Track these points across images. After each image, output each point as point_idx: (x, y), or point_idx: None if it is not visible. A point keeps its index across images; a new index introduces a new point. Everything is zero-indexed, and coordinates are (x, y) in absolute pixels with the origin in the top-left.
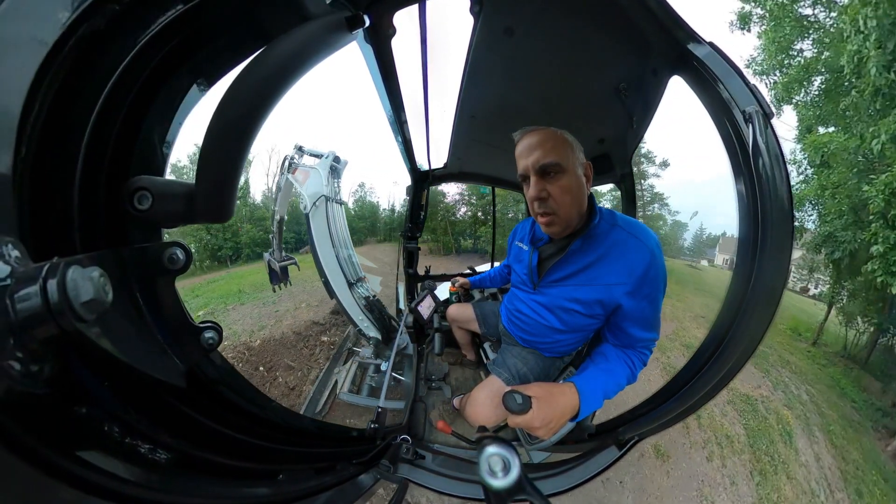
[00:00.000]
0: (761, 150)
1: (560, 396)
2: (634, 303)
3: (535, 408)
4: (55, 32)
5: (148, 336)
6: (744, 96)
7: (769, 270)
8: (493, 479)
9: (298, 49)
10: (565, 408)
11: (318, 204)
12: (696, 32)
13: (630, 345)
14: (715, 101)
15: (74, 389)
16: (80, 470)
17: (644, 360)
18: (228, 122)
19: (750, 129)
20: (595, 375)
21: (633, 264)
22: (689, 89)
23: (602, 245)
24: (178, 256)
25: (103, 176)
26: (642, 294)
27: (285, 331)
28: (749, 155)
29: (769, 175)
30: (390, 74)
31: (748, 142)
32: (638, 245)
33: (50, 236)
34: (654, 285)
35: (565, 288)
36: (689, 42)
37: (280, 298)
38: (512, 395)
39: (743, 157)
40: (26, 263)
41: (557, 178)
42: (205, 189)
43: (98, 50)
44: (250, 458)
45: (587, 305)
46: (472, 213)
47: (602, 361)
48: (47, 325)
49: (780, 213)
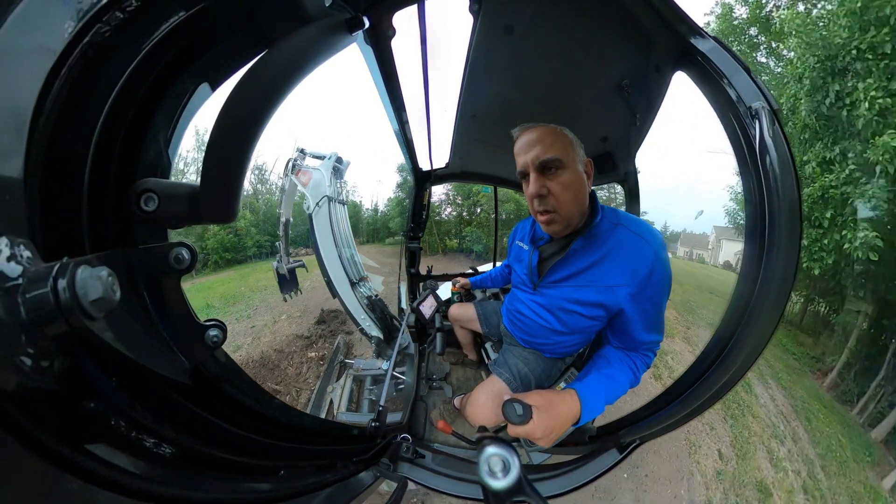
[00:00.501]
0: (768, 146)
1: (561, 405)
2: (637, 305)
3: (535, 417)
4: (62, 41)
5: (154, 334)
6: (750, 92)
7: (777, 271)
8: (492, 479)
9: (299, 52)
10: (566, 416)
11: (321, 204)
12: (700, 27)
13: (633, 348)
14: (720, 97)
15: (83, 385)
16: (87, 462)
17: (647, 363)
18: (232, 124)
19: (756, 126)
20: (597, 381)
21: (637, 265)
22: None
23: (605, 245)
24: (183, 256)
25: (111, 178)
26: (646, 297)
27: (265, 349)
28: (756, 152)
29: (777, 172)
30: (391, 75)
31: (755, 138)
32: (642, 245)
33: (60, 237)
34: (659, 287)
35: (566, 289)
36: (692, 37)
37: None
38: (512, 404)
39: (749, 154)
40: (37, 263)
41: (558, 174)
42: (209, 191)
43: (104, 57)
44: (252, 454)
45: (588, 307)
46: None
47: (604, 366)
48: (57, 323)
49: (789, 211)
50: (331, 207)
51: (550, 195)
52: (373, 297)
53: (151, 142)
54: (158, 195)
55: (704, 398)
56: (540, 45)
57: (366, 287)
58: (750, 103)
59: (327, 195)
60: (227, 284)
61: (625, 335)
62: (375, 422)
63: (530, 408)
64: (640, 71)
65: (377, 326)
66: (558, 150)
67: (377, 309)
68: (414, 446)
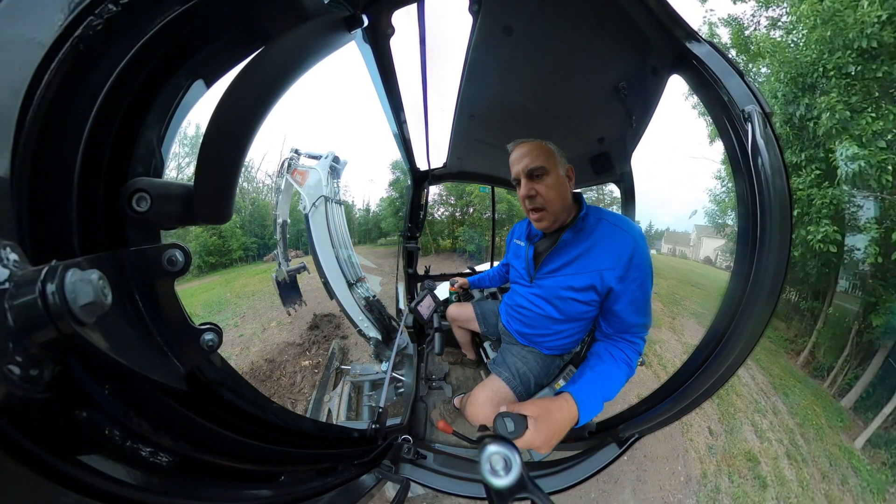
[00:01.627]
0: (761, 149)
1: (557, 411)
2: (624, 286)
3: (532, 428)
4: (52, 33)
5: (147, 339)
6: (743, 96)
7: (768, 269)
8: (494, 477)
9: (297, 49)
10: (563, 421)
11: (317, 204)
12: (696, 31)
13: (624, 329)
14: (714, 100)
15: (74, 393)
16: (81, 474)
17: (639, 350)
18: (227, 122)
19: (749, 129)
20: (591, 380)
21: (620, 251)
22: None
23: (591, 237)
24: (177, 258)
25: (101, 178)
26: (631, 278)
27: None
28: (748, 154)
29: (768, 174)
30: (389, 74)
31: (747, 141)
32: (623, 234)
33: (48, 239)
34: (641, 270)
35: (560, 278)
36: (688, 40)
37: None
38: (502, 420)
39: (742, 156)
40: (25, 267)
41: (543, 179)
42: (203, 191)
43: (96, 51)
44: (252, 460)
45: (582, 292)
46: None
47: (597, 363)
48: (46, 329)
49: (780, 211)
50: (328, 207)
51: (538, 195)
52: (370, 297)
53: (144, 140)
54: (151, 195)
55: (700, 392)
56: (539, 46)
57: (363, 288)
58: (743, 106)
59: (324, 195)
60: (212, 291)
61: (615, 318)
62: (375, 423)
63: (525, 419)
64: (637, 73)
65: (375, 327)
66: (543, 160)
67: (375, 310)
68: (415, 447)
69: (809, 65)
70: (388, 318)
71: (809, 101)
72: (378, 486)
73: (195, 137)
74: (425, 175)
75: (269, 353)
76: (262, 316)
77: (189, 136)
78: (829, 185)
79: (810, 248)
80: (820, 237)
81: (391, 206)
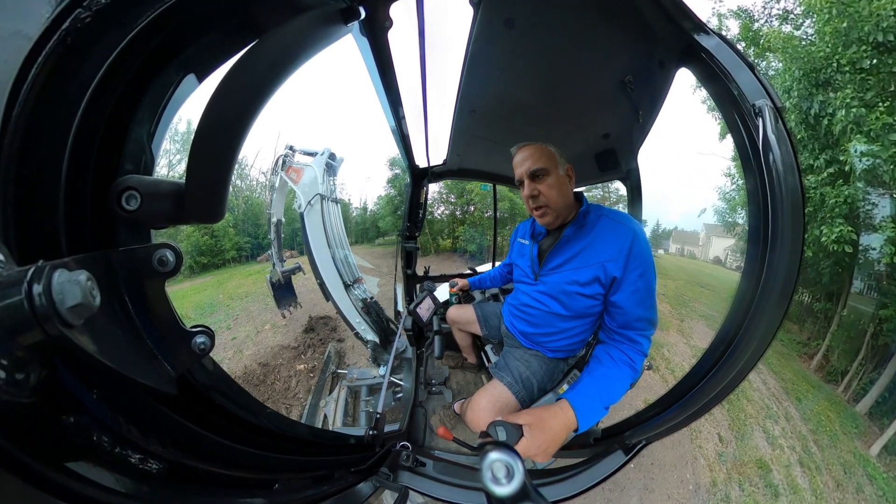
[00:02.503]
0: (772, 144)
1: (551, 419)
2: (625, 275)
3: (527, 436)
4: (40, 26)
5: (137, 341)
6: (753, 89)
7: (780, 269)
8: (496, 486)
9: (292, 42)
10: (559, 429)
11: (313, 203)
12: (704, 23)
13: (627, 323)
14: (724, 94)
15: (62, 398)
16: (68, 481)
17: (643, 351)
18: (220, 118)
19: (760, 124)
20: (589, 385)
21: (620, 243)
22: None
23: (592, 232)
24: (167, 258)
25: (90, 175)
26: (631, 268)
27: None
28: (759, 150)
29: (780, 170)
30: (387, 68)
31: (758, 136)
32: (622, 227)
33: (35, 239)
34: (642, 261)
35: (564, 273)
36: (696, 33)
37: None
38: (494, 429)
39: (753, 152)
40: (10, 267)
41: (544, 178)
42: (195, 189)
43: (84, 45)
44: (245, 468)
45: (586, 286)
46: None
47: (596, 367)
48: (32, 331)
49: (792, 208)
50: (324, 206)
51: (541, 195)
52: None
53: (134, 136)
54: (141, 193)
55: (709, 397)
56: (542, 39)
57: (360, 289)
58: (754, 101)
59: (320, 193)
60: (204, 292)
61: (617, 310)
62: (373, 430)
63: (519, 428)
64: (644, 66)
65: (373, 330)
66: (544, 161)
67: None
68: (414, 454)
69: (823, 59)
70: (386, 320)
71: (824, 98)
72: (375, 495)
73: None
74: (425, 172)
75: (263, 357)
76: (255, 318)
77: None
78: (844, 184)
79: (823, 248)
80: (834, 237)
81: (389, 204)
